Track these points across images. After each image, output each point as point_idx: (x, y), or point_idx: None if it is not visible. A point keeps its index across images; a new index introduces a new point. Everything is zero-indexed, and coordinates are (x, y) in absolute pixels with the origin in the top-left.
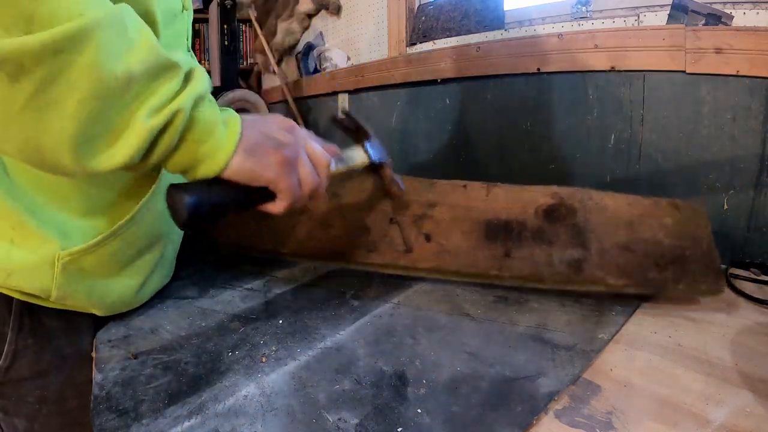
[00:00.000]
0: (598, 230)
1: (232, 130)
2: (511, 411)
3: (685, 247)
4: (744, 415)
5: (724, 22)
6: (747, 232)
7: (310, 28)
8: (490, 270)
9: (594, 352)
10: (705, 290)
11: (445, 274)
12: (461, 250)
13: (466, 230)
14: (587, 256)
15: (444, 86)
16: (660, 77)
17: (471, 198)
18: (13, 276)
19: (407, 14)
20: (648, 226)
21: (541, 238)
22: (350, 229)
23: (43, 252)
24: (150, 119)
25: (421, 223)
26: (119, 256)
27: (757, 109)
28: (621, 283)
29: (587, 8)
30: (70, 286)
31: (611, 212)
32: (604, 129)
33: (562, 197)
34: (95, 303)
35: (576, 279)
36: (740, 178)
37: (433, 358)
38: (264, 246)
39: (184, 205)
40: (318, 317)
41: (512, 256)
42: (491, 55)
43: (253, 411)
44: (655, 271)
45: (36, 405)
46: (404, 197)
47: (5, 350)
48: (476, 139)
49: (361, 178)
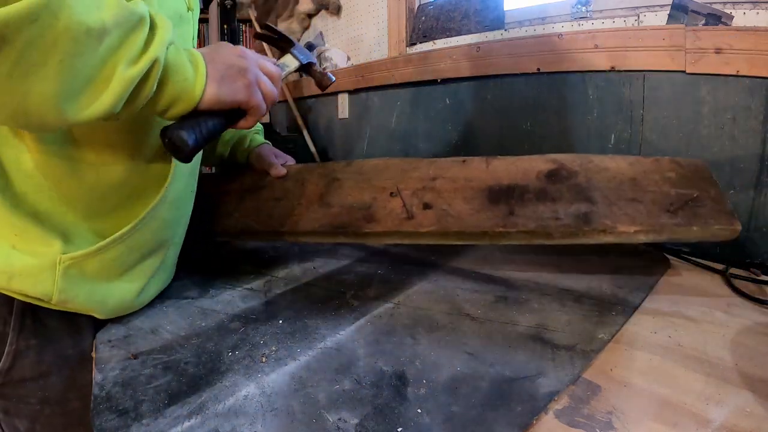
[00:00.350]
0: (602, 187)
1: (199, 66)
2: (511, 411)
3: (693, 193)
4: (744, 415)
5: (724, 22)
6: (747, 232)
7: (310, 28)
8: (494, 228)
9: (594, 352)
10: (719, 231)
11: (448, 237)
12: (464, 214)
13: (468, 197)
14: (594, 208)
15: (444, 86)
16: (660, 77)
17: (471, 170)
18: (14, 279)
19: (407, 14)
20: (652, 181)
21: (545, 197)
22: (350, 206)
23: (45, 256)
24: (128, 69)
25: (422, 195)
26: (121, 261)
27: (757, 109)
28: (632, 230)
29: (587, 8)
30: (72, 290)
31: (613, 172)
32: (604, 129)
33: (563, 162)
34: (96, 307)
35: (585, 230)
36: (740, 178)
37: (433, 358)
38: (265, 229)
39: (185, 142)
40: (318, 317)
41: (516, 214)
42: (491, 55)
43: (253, 411)
44: (665, 217)
45: (38, 406)
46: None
47: (6, 351)
48: (476, 139)
49: (360, 163)
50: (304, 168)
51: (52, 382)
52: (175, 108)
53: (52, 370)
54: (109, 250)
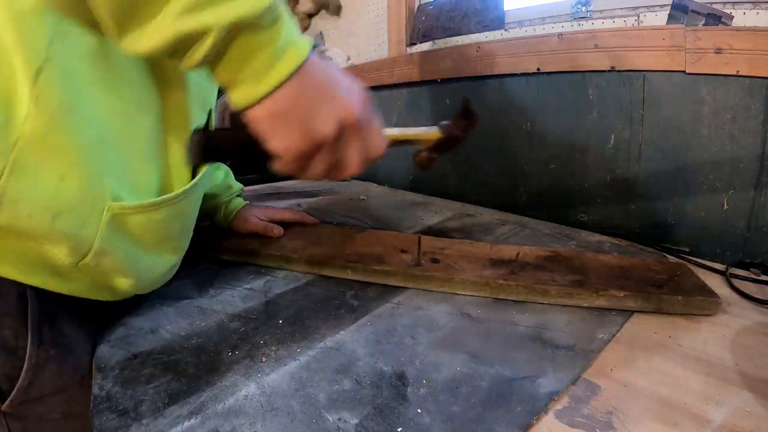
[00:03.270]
0: (594, 268)
1: (280, 70)
2: (511, 411)
3: (676, 275)
4: (744, 415)
5: (724, 22)
6: (747, 232)
7: (310, 28)
8: (496, 279)
9: (594, 352)
10: (702, 303)
11: (452, 284)
12: (468, 269)
13: (472, 261)
14: (587, 279)
15: (444, 86)
16: (660, 77)
17: (476, 247)
18: (60, 218)
19: (407, 14)
20: (639, 270)
21: (544, 268)
22: (360, 252)
23: (94, 196)
24: (178, 21)
25: (431, 255)
26: (164, 227)
27: (756, 109)
28: (622, 294)
29: (587, 8)
30: (113, 242)
31: (603, 261)
32: (604, 129)
33: (559, 251)
34: (129, 267)
35: (579, 291)
36: (740, 178)
37: (433, 358)
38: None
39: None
40: (318, 317)
41: (517, 273)
42: (491, 55)
43: (253, 411)
44: (652, 289)
45: (62, 421)
46: None
47: (24, 367)
48: (476, 139)
49: (371, 230)
50: (310, 230)
51: (74, 393)
52: (233, 91)
53: (73, 381)
54: (159, 210)
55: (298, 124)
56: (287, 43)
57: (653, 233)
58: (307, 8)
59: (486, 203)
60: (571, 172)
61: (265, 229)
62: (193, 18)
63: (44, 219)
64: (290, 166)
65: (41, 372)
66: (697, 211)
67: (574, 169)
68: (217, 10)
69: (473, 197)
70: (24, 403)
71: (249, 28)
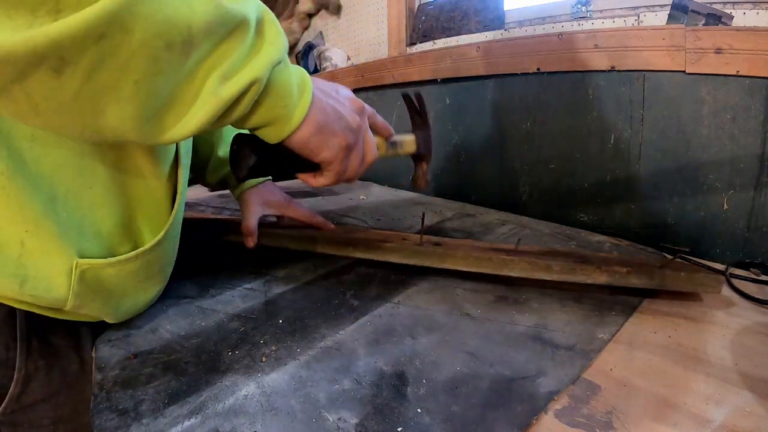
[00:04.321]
0: (596, 257)
1: (304, 98)
2: (511, 411)
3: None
4: (744, 415)
5: (724, 22)
6: (747, 232)
7: (310, 28)
8: (499, 255)
9: (594, 352)
10: (704, 279)
11: (455, 259)
12: (470, 247)
13: (474, 248)
14: (589, 258)
15: (444, 86)
16: (660, 77)
17: (476, 242)
18: (27, 283)
19: (407, 14)
20: (640, 259)
21: (545, 254)
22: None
23: (58, 255)
24: (221, 88)
25: (434, 242)
26: (143, 272)
27: (756, 109)
28: (624, 270)
29: (587, 8)
30: (87, 295)
31: (605, 255)
32: (604, 129)
33: (558, 249)
34: (110, 312)
35: (582, 266)
36: (740, 178)
37: (433, 358)
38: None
39: (246, 164)
40: (318, 317)
41: (520, 251)
42: (491, 55)
43: (253, 411)
44: (655, 268)
45: (51, 426)
46: None
47: (15, 377)
48: (476, 139)
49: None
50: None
51: (63, 399)
52: (264, 132)
53: (61, 388)
54: (133, 261)
55: (335, 128)
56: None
57: (653, 233)
58: (307, 8)
59: (486, 203)
60: (571, 172)
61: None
62: (233, 83)
63: (13, 286)
64: (338, 168)
65: (31, 381)
66: (697, 211)
67: (574, 169)
68: (253, 64)
69: (473, 197)
70: (15, 411)
71: (279, 65)
